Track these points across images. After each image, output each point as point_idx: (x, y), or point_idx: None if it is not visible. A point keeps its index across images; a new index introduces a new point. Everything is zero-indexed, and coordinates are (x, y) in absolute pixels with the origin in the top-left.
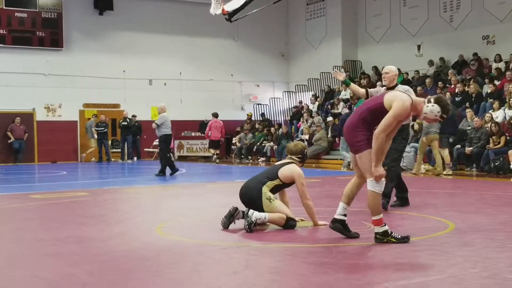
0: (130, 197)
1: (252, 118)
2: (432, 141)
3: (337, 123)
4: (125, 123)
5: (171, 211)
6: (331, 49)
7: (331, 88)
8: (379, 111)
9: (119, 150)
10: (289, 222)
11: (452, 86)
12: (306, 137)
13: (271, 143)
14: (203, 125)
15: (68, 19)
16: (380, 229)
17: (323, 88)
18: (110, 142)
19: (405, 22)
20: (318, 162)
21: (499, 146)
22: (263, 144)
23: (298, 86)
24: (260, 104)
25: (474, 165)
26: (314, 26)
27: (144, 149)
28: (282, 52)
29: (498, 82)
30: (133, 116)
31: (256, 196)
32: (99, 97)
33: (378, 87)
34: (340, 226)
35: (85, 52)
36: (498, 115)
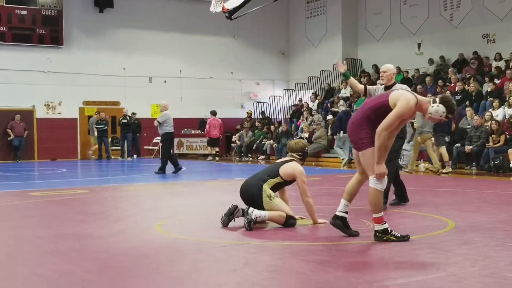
0: (129, 194)
1: (252, 116)
2: (426, 141)
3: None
4: (125, 121)
5: (171, 209)
6: (331, 47)
7: (331, 86)
8: (384, 109)
9: (119, 147)
10: (289, 220)
11: (452, 84)
12: (306, 135)
13: (271, 141)
14: (203, 123)
15: (68, 16)
16: (380, 227)
17: (323, 86)
18: (110, 139)
19: (405, 20)
20: (318, 160)
21: (499, 144)
22: (262, 142)
23: (298, 84)
24: (260, 102)
25: (474, 163)
26: (314, 24)
27: (144, 147)
28: (282, 50)
29: (498, 80)
30: (133, 113)
31: (257, 194)
32: (99, 94)
33: (378, 85)
34: (341, 223)
35: (85, 49)
36: (498, 113)
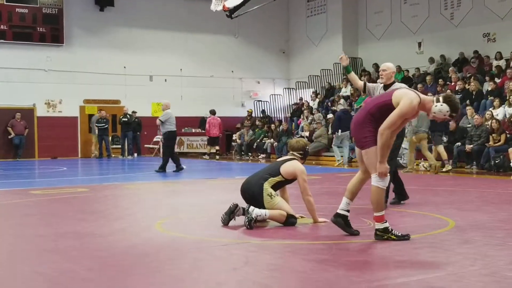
0: (130, 193)
1: (253, 114)
2: (421, 140)
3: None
4: (126, 119)
5: (171, 207)
6: (332, 46)
7: (332, 85)
8: (387, 108)
9: (119, 146)
10: (290, 219)
11: (453, 83)
12: (307, 134)
13: (271, 139)
14: (203, 122)
15: (69, 15)
16: (381, 226)
17: (323, 85)
18: (110, 138)
19: (405, 19)
20: (318, 159)
21: (499, 143)
22: (263, 141)
23: (299, 83)
24: (261, 101)
25: (474, 162)
26: (314, 23)
27: (145, 145)
28: (282, 49)
29: (498, 80)
30: (133, 112)
31: (257, 192)
32: (99, 93)
33: (378, 83)
34: (342, 221)
35: (86, 48)
36: (499, 112)
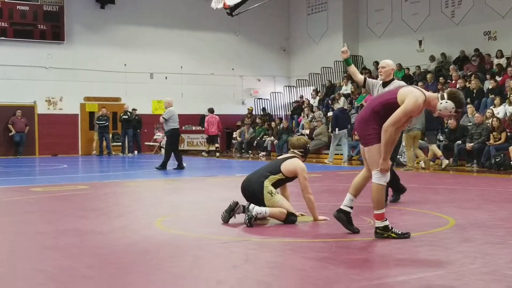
0: (130, 190)
1: (253, 112)
2: (415, 138)
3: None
4: (126, 117)
5: (172, 205)
6: (332, 44)
7: (332, 83)
8: (392, 106)
9: (120, 143)
10: (290, 217)
11: (453, 81)
12: (307, 131)
13: (272, 137)
14: (203, 119)
15: (70, 12)
16: (381, 224)
17: (324, 83)
18: (111, 135)
19: (406, 17)
20: (319, 157)
21: (500, 142)
22: (263, 139)
23: (299, 80)
24: (261, 99)
25: (474, 161)
26: (315, 20)
27: (145, 143)
28: (283, 47)
29: (499, 78)
30: (133, 109)
31: (258, 190)
32: (100, 90)
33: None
34: (344, 217)
35: (87, 45)
36: (499, 111)
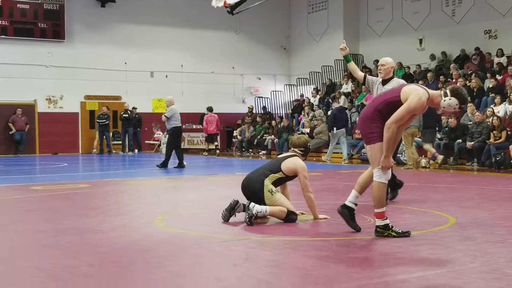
0: (131, 189)
1: (253, 111)
2: (412, 135)
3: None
4: (126, 115)
5: (172, 203)
6: (333, 42)
7: (333, 81)
8: (395, 104)
9: (120, 142)
10: (290, 216)
11: (454, 80)
12: (307, 130)
13: (272, 136)
14: (203, 118)
15: (70, 10)
16: (381, 223)
17: (324, 82)
18: (111, 134)
19: (407, 16)
20: (319, 155)
21: (500, 140)
22: (264, 137)
23: (300, 79)
24: (262, 97)
25: (475, 159)
26: (316, 19)
27: (145, 142)
28: (283, 45)
29: (500, 76)
30: (134, 108)
31: (258, 189)
32: (100, 89)
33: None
34: (347, 213)
35: (87, 44)
36: (500, 109)
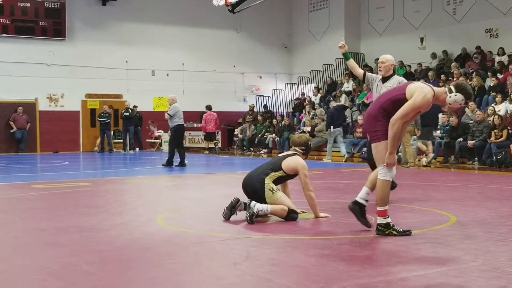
0: (131, 187)
1: (254, 109)
2: (409, 133)
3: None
4: (127, 114)
5: (173, 201)
6: (334, 41)
7: (334, 80)
8: (401, 102)
9: (121, 140)
10: (291, 214)
11: (455, 79)
12: (308, 129)
13: (273, 135)
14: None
15: (71, 9)
16: (383, 221)
17: (325, 80)
18: (112, 132)
19: (408, 14)
20: (320, 154)
21: (501, 139)
22: (265, 136)
23: (301, 78)
24: (263, 96)
25: (476, 158)
26: (317, 18)
27: (146, 140)
28: (285, 44)
29: (501, 75)
30: (134, 106)
31: (259, 187)
32: (101, 87)
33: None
34: (358, 209)
35: (88, 42)
36: (501, 108)
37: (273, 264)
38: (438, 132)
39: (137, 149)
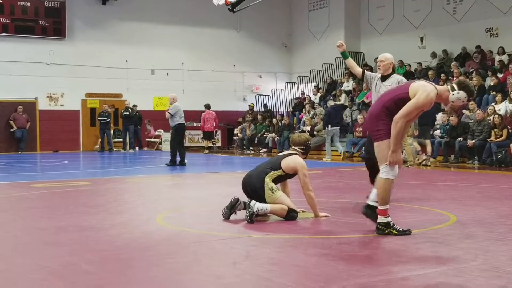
0: (131, 186)
1: (254, 109)
2: (407, 132)
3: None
4: (127, 113)
5: (173, 201)
6: (334, 40)
7: (334, 79)
8: (404, 101)
9: (121, 139)
10: (291, 214)
11: (455, 78)
12: (308, 128)
13: (273, 134)
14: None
15: (71, 8)
16: (383, 220)
17: (325, 80)
18: (112, 131)
19: (408, 14)
20: (319, 153)
21: (501, 139)
22: (264, 135)
23: (301, 77)
24: (262, 95)
25: (476, 157)
26: (317, 17)
27: (146, 139)
28: (284, 43)
29: (501, 74)
30: (134, 106)
31: (259, 186)
32: (101, 86)
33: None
34: (371, 212)
35: (88, 41)
36: (501, 107)
37: (273, 264)
38: (438, 131)
39: (137, 148)
